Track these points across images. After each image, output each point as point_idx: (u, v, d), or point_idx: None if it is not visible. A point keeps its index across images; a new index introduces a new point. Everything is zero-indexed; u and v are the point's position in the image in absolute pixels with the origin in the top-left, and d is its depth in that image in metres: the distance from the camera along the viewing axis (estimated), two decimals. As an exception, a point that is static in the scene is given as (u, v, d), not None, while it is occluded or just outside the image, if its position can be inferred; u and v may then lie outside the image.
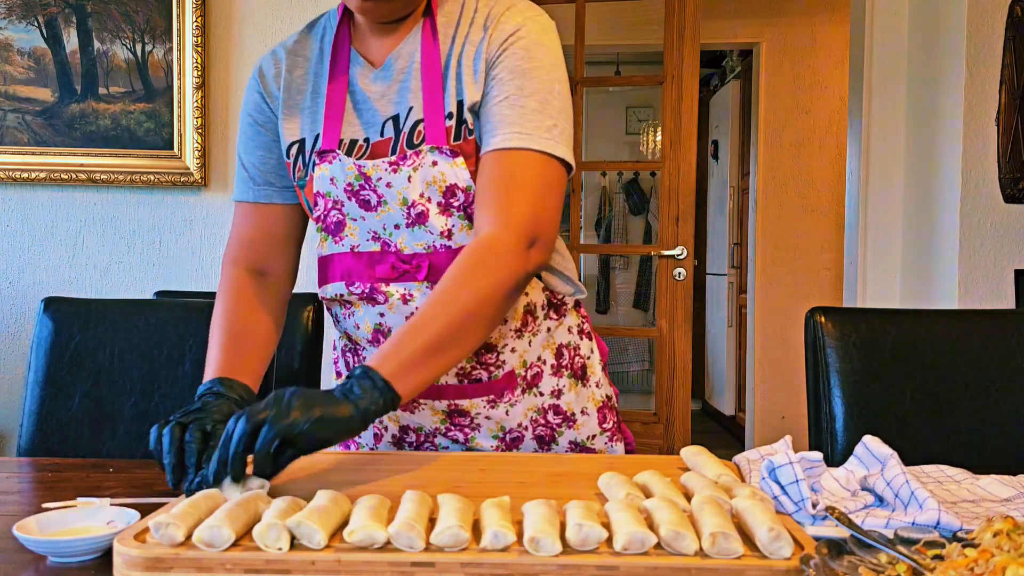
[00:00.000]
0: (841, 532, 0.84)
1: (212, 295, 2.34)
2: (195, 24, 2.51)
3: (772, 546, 0.75)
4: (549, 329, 1.25)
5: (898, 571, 0.68)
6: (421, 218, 1.13)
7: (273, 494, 0.89)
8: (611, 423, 1.31)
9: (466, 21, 1.16)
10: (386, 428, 1.27)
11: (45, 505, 0.98)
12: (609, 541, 0.77)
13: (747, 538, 0.78)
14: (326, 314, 2.04)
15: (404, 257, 1.14)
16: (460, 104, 1.13)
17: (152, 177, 2.54)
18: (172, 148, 2.54)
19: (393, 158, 1.12)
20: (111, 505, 0.95)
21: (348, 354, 1.28)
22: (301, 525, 0.77)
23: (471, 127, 1.13)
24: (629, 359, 6.24)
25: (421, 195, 1.12)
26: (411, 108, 1.13)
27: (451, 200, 1.12)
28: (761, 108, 4.67)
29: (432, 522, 0.81)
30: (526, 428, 1.24)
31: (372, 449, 1.29)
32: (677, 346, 3.12)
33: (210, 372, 1.12)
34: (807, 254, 4.67)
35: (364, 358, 1.25)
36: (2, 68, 2.53)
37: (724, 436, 5.39)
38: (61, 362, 1.46)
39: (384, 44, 1.18)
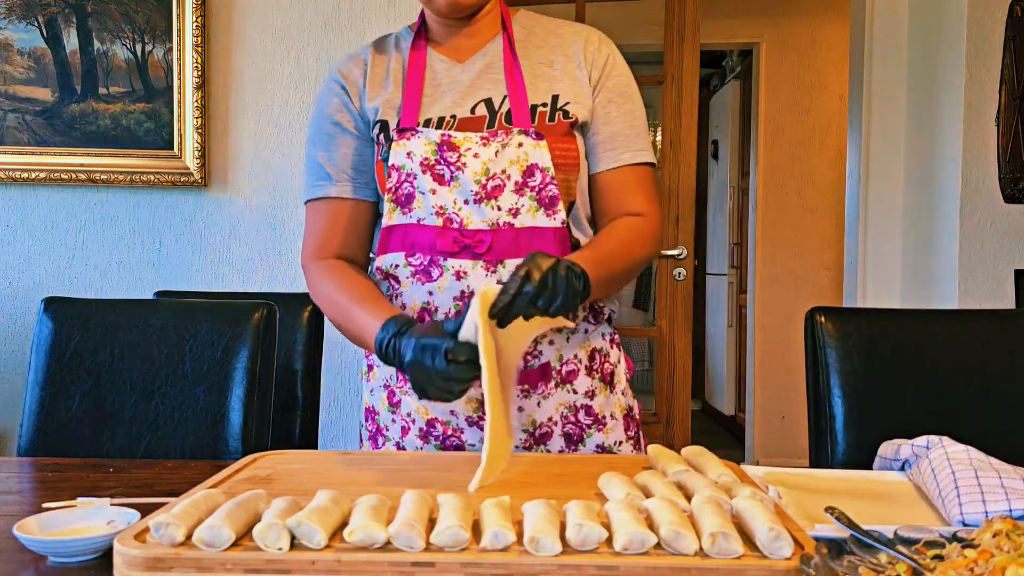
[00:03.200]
0: (841, 532, 0.85)
1: (212, 295, 2.33)
2: (195, 24, 2.51)
3: (772, 546, 0.75)
4: (587, 331, 1.31)
5: (898, 571, 0.68)
6: (495, 192, 1.22)
7: (273, 494, 0.89)
8: (633, 432, 1.36)
9: (544, 32, 1.35)
10: (413, 421, 1.29)
11: (45, 505, 0.98)
12: (609, 541, 0.77)
13: (747, 538, 0.78)
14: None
15: (467, 232, 1.22)
16: (555, 98, 1.29)
17: (152, 177, 2.54)
18: (172, 148, 2.54)
19: (486, 133, 1.25)
20: (111, 505, 0.95)
21: None
22: (301, 525, 0.77)
23: (568, 112, 1.28)
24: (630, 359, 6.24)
25: (503, 171, 1.22)
26: (504, 96, 1.28)
27: (528, 180, 1.23)
28: (761, 108, 4.66)
29: (432, 522, 0.81)
30: (556, 424, 1.27)
31: (399, 443, 1.30)
32: (677, 346, 3.12)
33: (382, 315, 1.16)
34: (807, 254, 4.67)
35: None
36: (2, 68, 2.52)
37: (724, 436, 5.39)
38: (61, 362, 1.46)
39: (466, 45, 1.32)
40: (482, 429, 1.25)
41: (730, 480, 0.96)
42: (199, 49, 2.52)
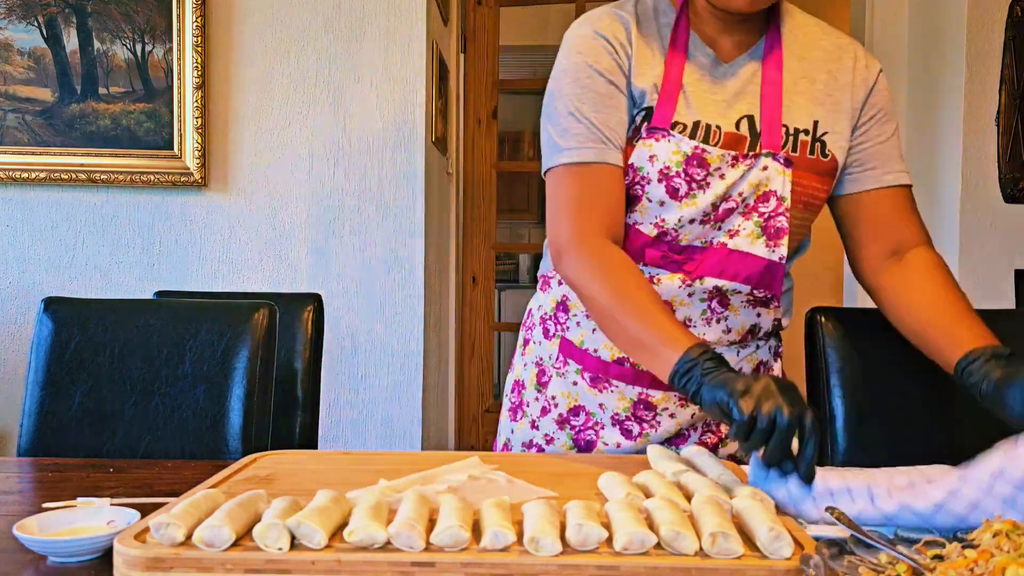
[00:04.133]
0: (841, 532, 0.84)
1: (212, 295, 2.33)
2: (195, 24, 2.51)
3: (772, 546, 0.75)
4: (758, 347, 1.29)
5: (898, 571, 0.68)
6: (723, 214, 1.16)
7: (273, 494, 0.89)
8: None
9: (808, 41, 1.23)
10: (556, 405, 1.27)
11: (45, 505, 0.98)
12: (609, 541, 0.77)
13: (747, 538, 0.78)
14: (325, 315, 2.04)
15: (677, 248, 1.18)
16: (815, 124, 1.19)
17: (152, 177, 2.54)
18: (172, 148, 2.54)
19: (736, 154, 1.15)
20: (111, 505, 0.95)
21: (548, 321, 1.31)
22: (301, 525, 0.77)
23: (826, 149, 1.19)
24: (629, 359, 6.23)
25: (739, 192, 1.16)
26: (762, 115, 1.18)
27: (760, 204, 1.17)
28: (761, 108, 4.66)
29: (432, 522, 0.81)
30: (696, 429, 1.26)
31: (534, 421, 1.30)
32: (677, 346, 3.11)
33: (685, 340, 1.03)
34: (807, 254, 4.66)
35: (567, 325, 1.28)
36: (2, 68, 2.52)
37: (724, 436, 5.38)
38: (61, 362, 1.46)
39: (733, 41, 1.21)
40: (625, 432, 1.23)
41: (730, 480, 0.96)
42: (199, 49, 2.52)
